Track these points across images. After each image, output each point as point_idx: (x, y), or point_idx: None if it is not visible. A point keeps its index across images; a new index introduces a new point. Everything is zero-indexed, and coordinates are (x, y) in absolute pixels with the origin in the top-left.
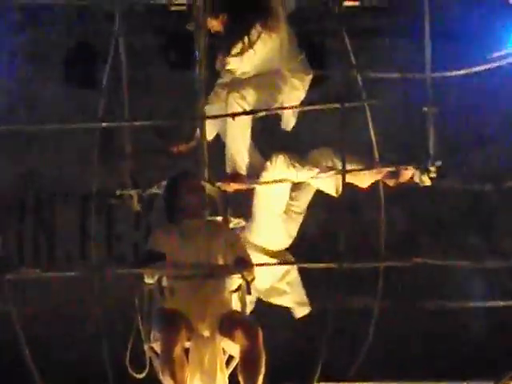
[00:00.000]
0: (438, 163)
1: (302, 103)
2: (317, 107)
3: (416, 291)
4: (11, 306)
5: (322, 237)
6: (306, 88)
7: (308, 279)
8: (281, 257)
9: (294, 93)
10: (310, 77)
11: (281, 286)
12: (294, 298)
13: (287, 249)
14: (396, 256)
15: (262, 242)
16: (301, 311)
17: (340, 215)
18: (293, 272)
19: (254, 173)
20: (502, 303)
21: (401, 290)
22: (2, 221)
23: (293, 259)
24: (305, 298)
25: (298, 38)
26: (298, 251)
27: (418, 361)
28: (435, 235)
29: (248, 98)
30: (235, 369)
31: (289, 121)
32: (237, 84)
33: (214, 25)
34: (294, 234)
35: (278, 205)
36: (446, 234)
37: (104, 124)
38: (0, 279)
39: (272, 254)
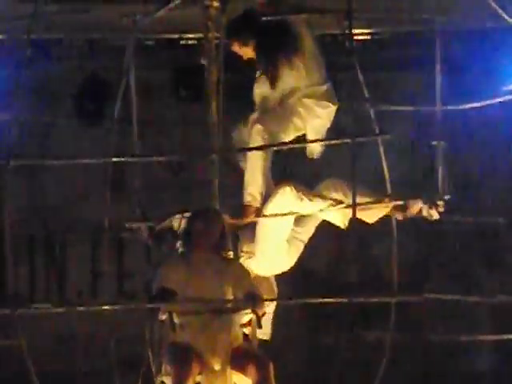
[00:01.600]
0: (447, 197)
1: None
2: (327, 142)
3: (428, 324)
4: (22, 339)
5: (332, 270)
6: (331, 118)
7: (320, 312)
8: (266, 283)
9: (316, 121)
10: (335, 107)
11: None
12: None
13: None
14: (408, 289)
15: (261, 266)
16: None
17: (350, 248)
18: (271, 306)
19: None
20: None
21: (412, 323)
22: (14, 256)
23: (275, 287)
24: (269, 329)
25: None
26: (309, 284)
27: None
28: (446, 268)
29: (272, 132)
30: None
31: (314, 148)
32: (261, 117)
33: (246, 52)
34: (294, 261)
35: (281, 233)
36: (457, 268)
37: (114, 159)
38: (11, 314)
39: (259, 280)
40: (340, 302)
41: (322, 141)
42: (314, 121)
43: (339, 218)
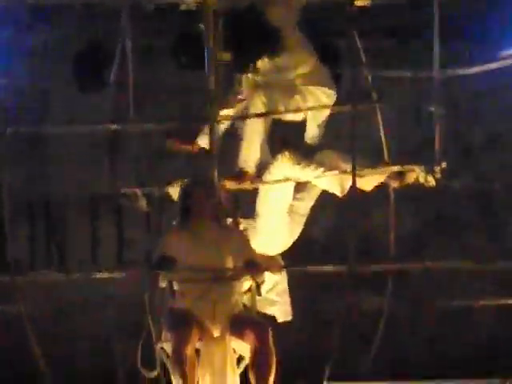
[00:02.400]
0: (444, 164)
1: None
2: (328, 108)
3: (425, 291)
4: (22, 307)
5: (332, 239)
6: (332, 102)
7: (319, 281)
8: (274, 262)
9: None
10: (335, 94)
11: (270, 295)
12: (280, 308)
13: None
14: (406, 256)
15: (264, 241)
16: (284, 318)
17: (350, 218)
18: (283, 282)
19: (263, 172)
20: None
21: (409, 290)
22: (13, 225)
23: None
24: (289, 308)
25: (309, 38)
26: (309, 253)
27: (426, 360)
28: (445, 235)
29: (273, 101)
30: (246, 370)
31: (313, 133)
32: (262, 88)
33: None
34: (296, 235)
35: (281, 203)
36: (455, 234)
37: (113, 126)
38: (11, 281)
39: (265, 260)
40: (339, 270)
41: (322, 108)
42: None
43: (337, 186)
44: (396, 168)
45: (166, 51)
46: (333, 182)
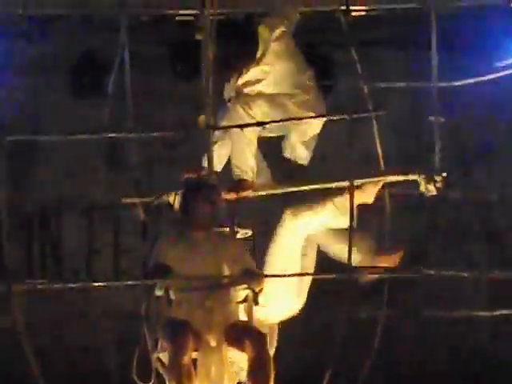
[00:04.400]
0: (444, 173)
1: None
2: (323, 117)
3: (423, 301)
4: (18, 317)
5: None
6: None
7: (317, 290)
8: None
9: (305, 126)
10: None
11: None
12: None
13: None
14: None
15: (272, 312)
16: None
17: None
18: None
19: (261, 182)
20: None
21: (407, 300)
22: (10, 234)
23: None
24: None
25: (303, 50)
26: None
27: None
28: (443, 245)
29: (254, 109)
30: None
31: (302, 154)
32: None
33: None
34: (304, 298)
35: (292, 264)
36: (453, 243)
37: (110, 135)
38: (7, 291)
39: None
40: (339, 278)
41: (319, 117)
42: (301, 126)
43: (342, 221)
44: (394, 177)
45: (164, 60)
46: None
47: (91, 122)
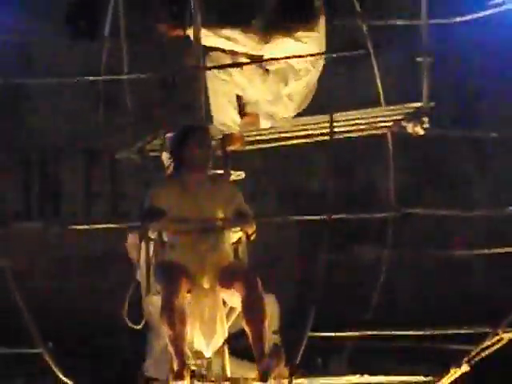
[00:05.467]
0: (431, 113)
1: None
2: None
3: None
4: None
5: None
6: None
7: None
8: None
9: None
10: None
11: None
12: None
13: None
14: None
15: None
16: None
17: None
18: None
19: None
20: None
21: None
22: (10, 179)
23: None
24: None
25: None
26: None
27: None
28: (437, 185)
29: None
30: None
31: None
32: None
33: None
34: None
35: None
36: (448, 184)
37: (104, 77)
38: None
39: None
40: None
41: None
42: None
43: None
44: (380, 110)
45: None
46: None
47: (85, 65)
